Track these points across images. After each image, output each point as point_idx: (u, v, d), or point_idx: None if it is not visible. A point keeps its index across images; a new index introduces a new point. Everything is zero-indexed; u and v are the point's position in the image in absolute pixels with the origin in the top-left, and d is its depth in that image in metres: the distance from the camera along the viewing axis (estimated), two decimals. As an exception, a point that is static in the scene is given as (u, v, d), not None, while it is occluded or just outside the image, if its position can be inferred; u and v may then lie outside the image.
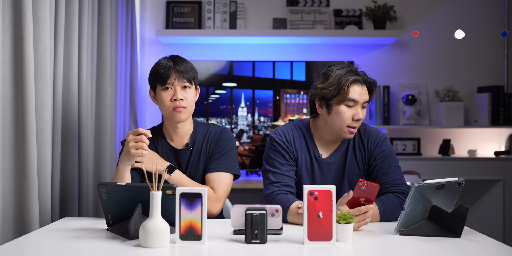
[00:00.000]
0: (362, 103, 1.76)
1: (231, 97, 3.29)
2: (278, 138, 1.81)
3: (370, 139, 1.84)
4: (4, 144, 1.59)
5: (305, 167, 1.82)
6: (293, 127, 1.85)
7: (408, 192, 1.71)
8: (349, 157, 1.83)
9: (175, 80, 1.76)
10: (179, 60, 1.81)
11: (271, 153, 1.81)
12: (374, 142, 1.83)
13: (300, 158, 1.81)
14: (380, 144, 1.82)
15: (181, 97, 1.75)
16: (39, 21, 1.71)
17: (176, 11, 3.41)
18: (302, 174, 1.81)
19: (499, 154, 3.33)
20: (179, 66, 1.77)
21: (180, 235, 1.36)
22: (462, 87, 3.46)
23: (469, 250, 1.35)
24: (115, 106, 2.67)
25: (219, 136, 1.85)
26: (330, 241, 1.35)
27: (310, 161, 1.82)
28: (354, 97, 1.73)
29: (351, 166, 1.83)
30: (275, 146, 1.80)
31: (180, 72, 1.76)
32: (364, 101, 1.76)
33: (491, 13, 3.47)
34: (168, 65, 1.77)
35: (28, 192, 1.62)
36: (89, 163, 2.27)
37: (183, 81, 1.77)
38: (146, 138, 1.64)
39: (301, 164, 1.81)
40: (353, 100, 1.73)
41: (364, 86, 1.76)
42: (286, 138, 1.81)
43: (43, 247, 1.36)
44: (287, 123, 1.89)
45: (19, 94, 1.63)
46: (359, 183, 1.50)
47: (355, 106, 1.74)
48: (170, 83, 1.76)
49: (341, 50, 3.47)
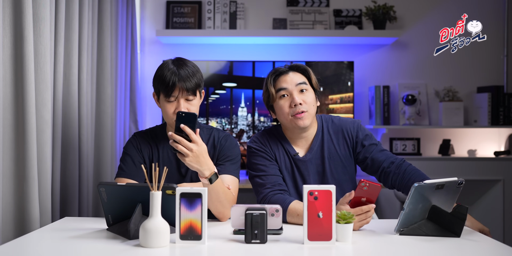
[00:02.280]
0: (296, 87, 1.79)
1: (231, 97, 3.29)
2: (254, 144, 1.87)
3: (347, 127, 1.87)
4: (4, 144, 1.59)
5: (285, 167, 1.86)
6: (266, 133, 1.90)
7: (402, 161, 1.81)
8: (326, 152, 1.85)
9: (179, 93, 1.72)
10: (184, 68, 1.73)
11: (252, 160, 1.85)
12: (354, 129, 1.87)
13: (279, 159, 1.85)
14: (359, 129, 1.87)
15: (184, 110, 1.71)
16: (39, 21, 1.71)
17: (176, 11, 3.41)
18: (283, 174, 1.85)
19: (499, 154, 3.33)
20: (184, 77, 1.71)
21: (180, 235, 1.36)
22: (462, 87, 3.46)
23: (468, 250, 1.35)
24: (115, 106, 2.67)
25: (225, 142, 1.84)
26: (330, 241, 1.35)
27: (289, 161, 1.86)
28: (281, 86, 1.80)
29: (332, 159, 1.85)
30: (254, 152, 1.86)
31: (185, 84, 1.70)
32: (295, 83, 1.79)
33: (491, 13, 3.47)
34: (173, 79, 1.70)
35: (28, 192, 1.62)
36: (89, 163, 2.28)
37: (187, 94, 1.73)
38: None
39: (281, 164, 1.85)
40: (281, 88, 1.80)
41: (290, 73, 1.82)
42: (262, 143, 1.87)
43: (43, 247, 1.36)
44: (260, 131, 1.95)
45: (19, 94, 1.63)
46: (361, 183, 1.50)
47: (290, 94, 1.79)
48: (174, 96, 1.73)
49: (341, 50, 3.47)
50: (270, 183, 1.78)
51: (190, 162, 1.57)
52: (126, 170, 1.78)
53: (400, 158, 1.83)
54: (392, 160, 1.82)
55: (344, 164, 1.86)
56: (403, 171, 1.78)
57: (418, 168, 1.80)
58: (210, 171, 1.60)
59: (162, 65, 1.77)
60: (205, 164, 1.59)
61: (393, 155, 1.85)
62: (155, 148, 1.84)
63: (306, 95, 1.79)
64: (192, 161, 1.57)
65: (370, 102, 3.42)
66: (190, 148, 1.55)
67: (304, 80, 1.81)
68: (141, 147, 1.83)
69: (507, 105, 3.33)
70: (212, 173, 1.60)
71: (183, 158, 1.57)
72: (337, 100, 3.29)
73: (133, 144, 1.83)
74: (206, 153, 1.60)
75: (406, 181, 1.75)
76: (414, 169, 1.78)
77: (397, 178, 1.78)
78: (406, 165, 1.80)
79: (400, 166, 1.80)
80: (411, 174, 1.76)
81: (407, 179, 1.75)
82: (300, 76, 1.82)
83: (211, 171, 1.60)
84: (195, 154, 1.56)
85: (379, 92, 3.35)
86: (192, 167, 1.59)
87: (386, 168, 1.81)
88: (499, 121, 3.33)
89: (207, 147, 1.80)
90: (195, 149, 1.56)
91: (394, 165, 1.80)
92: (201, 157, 1.57)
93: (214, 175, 1.60)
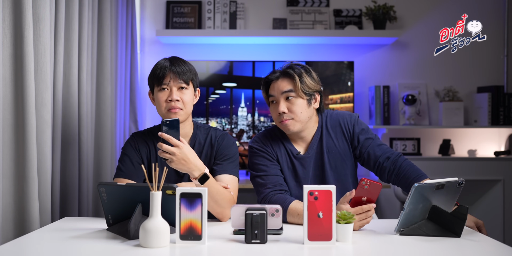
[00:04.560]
0: (282, 95, 1.80)
1: (231, 97, 3.29)
2: (255, 144, 1.88)
3: (345, 121, 1.89)
4: (4, 144, 1.59)
5: (287, 167, 1.87)
6: (267, 133, 1.91)
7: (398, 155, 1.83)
8: (325, 146, 1.86)
9: (171, 80, 1.74)
10: (177, 61, 1.78)
11: (254, 160, 1.86)
12: (351, 123, 1.88)
13: (280, 159, 1.86)
14: (356, 122, 1.89)
15: (176, 98, 1.72)
16: (39, 21, 1.71)
17: (176, 11, 3.41)
18: (285, 174, 1.86)
19: (499, 154, 3.33)
20: (176, 66, 1.75)
21: (180, 235, 1.36)
22: (462, 87, 3.46)
23: (469, 250, 1.35)
24: (115, 106, 2.67)
25: (222, 141, 1.84)
26: (330, 241, 1.35)
27: (290, 160, 1.87)
28: (270, 93, 1.84)
29: (331, 154, 1.86)
30: (255, 152, 1.87)
31: (176, 72, 1.73)
32: (281, 91, 1.80)
33: (491, 13, 3.47)
34: (164, 65, 1.76)
35: (28, 192, 1.62)
36: (89, 163, 2.27)
37: (179, 82, 1.74)
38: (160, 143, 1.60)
39: (283, 164, 1.86)
40: (270, 95, 1.84)
41: (278, 81, 1.82)
42: (263, 143, 1.88)
43: (43, 247, 1.36)
44: (262, 131, 1.96)
45: (19, 94, 1.62)
46: (362, 182, 1.50)
47: (277, 101, 1.81)
48: (166, 84, 1.74)
49: (341, 50, 3.47)
50: (271, 183, 1.78)
51: (176, 165, 1.60)
52: (125, 171, 1.78)
53: (397, 153, 1.83)
54: (388, 155, 1.83)
55: (343, 158, 1.87)
56: (398, 166, 1.79)
57: (414, 164, 1.81)
58: (199, 172, 1.61)
59: (156, 63, 1.81)
60: (193, 165, 1.60)
61: (390, 149, 1.86)
62: (152, 148, 1.84)
63: (293, 102, 1.79)
64: (178, 164, 1.59)
65: (370, 102, 3.42)
66: (173, 152, 1.57)
67: (290, 88, 1.79)
68: (139, 147, 1.83)
69: (507, 105, 3.33)
70: (202, 174, 1.61)
71: (169, 163, 1.60)
72: (337, 100, 3.29)
73: (131, 145, 1.83)
74: (192, 153, 1.61)
75: (401, 177, 1.77)
76: (409, 165, 1.79)
77: (392, 174, 1.80)
78: (401, 160, 1.80)
79: (396, 161, 1.80)
80: (406, 169, 1.77)
81: (402, 174, 1.77)
82: (287, 83, 1.80)
83: (200, 172, 1.61)
84: (179, 157, 1.58)
85: (379, 92, 3.35)
86: (181, 169, 1.61)
87: (382, 163, 1.82)
88: (499, 121, 3.33)
89: (204, 147, 1.81)
90: (177, 152, 1.58)
91: (390, 161, 1.81)
92: (187, 159, 1.59)
93: (204, 175, 1.61)
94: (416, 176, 1.73)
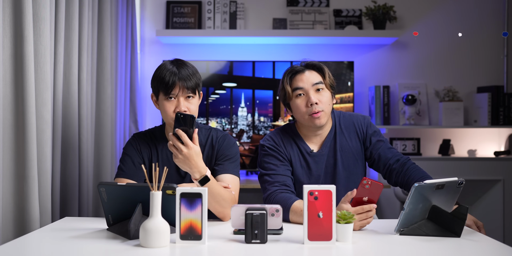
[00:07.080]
0: (312, 86, 1.81)
1: (231, 97, 3.29)
2: (268, 143, 1.88)
3: (359, 121, 1.91)
4: (4, 144, 1.59)
5: (300, 165, 1.87)
6: (280, 132, 1.92)
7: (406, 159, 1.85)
8: (338, 145, 1.88)
9: (179, 91, 1.72)
10: (183, 67, 1.75)
11: (264, 158, 1.86)
12: (364, 124, 1.91)
13: (293, 158, 1.87)
14: (369, 124, 1.92)
15: (184, 109, 1.72)
16: (39, 21, 1.71)
17: (176, 11, 3.41)
18: (298, 172, 1.86)
19: (499, 154, 3.33)
20: (184, 76, 1.72)
21: (180, 235, 1.36)
22: (462, 87, 3.46)
23: (469, 250, 1.35)
24: (115, 106, 2.67)
25: (223, 142, 1.84)
26: (330, 241, 1.35)
27: (304, 158, 1.87)
28: (297, 85, 1.82)
29: (344, 152, 1.88)
30: (267, 150, 1.87)
31: (185, 82, 1.72)
32: (312, 83, 1.81)
33: (490, 13, 3.47)
34: (172, 71, 1.72)
35: (28, 192, 1.62)
36: (89, 163, 2.27)
37: (187, 92, 1.74)
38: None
39: (296, 163, 1.86)
40: (297, 88, 1.82)
41: (306, 72, 1.83)
42: (275, 142, 1.88)
43: (43, 247, 1.36)
44: (274, 129, 1.96)
45: (19, 94, 1.63)
46: (363, 181, 1.50)
47: (306, 93, 1.81)
48: (174, 94, 1.73)
49: (341, 50, 3.47)
50: (278, 182, 1.79)
51: (179, 163, 1.61)
52: (126, 171, 1.78)
53: (406, 157, 1.87)
54: (398, 158, 1.86)
55: (355, 157, 1.89)
56: (406, 168, 1.82)
57: (420, 167, 1.83)
58: (200, 174, 1.62)
59: (160, 66, 1.78)
60: (195, 167, 1.61)
61: (399, 153, 1.89)
62: (154, 149, 1.84)
63: (322, 94, 1.81)
64: (181, 162, 1.61)
65: (370, 102, 3.42)
66: (181, 149, 1.59)
67: (320, 80, 1.82)
68: (140, 148, 1.83)
69: (507, 105, 3.33)
70: (202, 176, 1.61)
71: (174, 158, 1.62)
72: (337, 100, 3.29)
73: (133, 145, 1.83)
74: (198, 156, 1.61)
75: (406, 178, 1.80)
76: (415, 168, 1.82)
77: (400, 176, 1.82)
78: (409, 164, 1.84)
79: (404, 164, 1.84)
80: (412, 172, 1.80)
81: (407, 176, 1.80)
82: (316, 75, 1.84)
83: (201, 174, 1.62)
84: (184, 156, 1.59)
85: (379, 92, 3.35)
86: (182, 168, 1.63)
87: (391, 165, 1.85)
88: (499, 121, 3.33)
89: (205, 147, 1.81)
90: (185, 151, 1.59)
91: (399, 163, 1.84)
92: (191, 159, 1.60)
93: (204, 178, 1.61)
94: (421, 177, 1.74)
